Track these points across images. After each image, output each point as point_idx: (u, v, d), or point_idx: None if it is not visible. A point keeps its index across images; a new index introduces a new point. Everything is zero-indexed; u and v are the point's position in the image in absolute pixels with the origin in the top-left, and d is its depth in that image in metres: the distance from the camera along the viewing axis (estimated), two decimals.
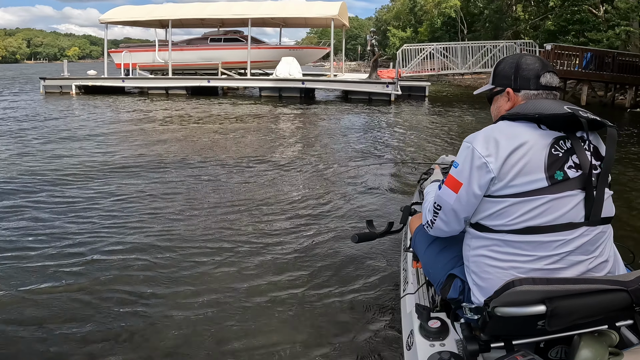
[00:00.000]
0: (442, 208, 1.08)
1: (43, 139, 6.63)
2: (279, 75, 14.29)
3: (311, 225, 3.16)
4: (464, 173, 1.01)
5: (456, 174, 1.03)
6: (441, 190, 1.07)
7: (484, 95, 1.24)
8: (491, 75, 1.18)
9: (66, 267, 2.44)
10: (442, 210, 1.08)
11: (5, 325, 1.91)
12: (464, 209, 1.03)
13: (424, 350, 1.13)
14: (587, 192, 0.96)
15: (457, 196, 1.02)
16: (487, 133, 1.01)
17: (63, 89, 14.65)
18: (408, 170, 4.79)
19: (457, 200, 1.03)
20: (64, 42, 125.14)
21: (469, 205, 1.02)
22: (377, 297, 2.15)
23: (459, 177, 1.02)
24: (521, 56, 1.12)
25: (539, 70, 1.08)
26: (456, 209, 1.04)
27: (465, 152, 1.01)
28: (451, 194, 1.04)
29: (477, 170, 0.98)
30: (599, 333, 0.95)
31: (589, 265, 0.98)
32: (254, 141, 6.71)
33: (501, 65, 1.15)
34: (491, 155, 0.97)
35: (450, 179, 1.04)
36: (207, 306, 2.08)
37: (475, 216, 1.04)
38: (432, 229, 1.14)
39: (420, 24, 33.46)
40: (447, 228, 1.10)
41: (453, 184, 1.03)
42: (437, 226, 1.12)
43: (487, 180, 0.98)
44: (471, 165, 0.99)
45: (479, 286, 1.03)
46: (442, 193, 1.07)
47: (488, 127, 1.04)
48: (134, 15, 16.02)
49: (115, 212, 3.38)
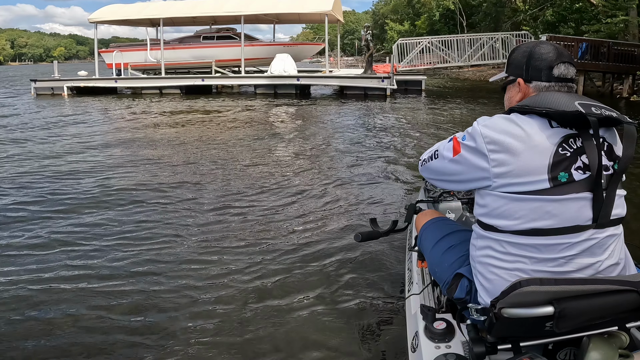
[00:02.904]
0: (438, 158, 1.09)
1: (46, 142, 6.57)
2: (274, 72, 14.20)
3: (312, 225, 3.13)
4: (466, 146, 1.00)
5: (461, 143, 1.02)
6: (446, 144, 1.08)
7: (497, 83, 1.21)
8: (506, 63, 1.15)
9: (69, 267, 2.41)
10: (438, 160, 1.09)
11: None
12: (452, 173, 1.04)
13: (429, 352, 1.12)
14: (595, 194, 0.93)
15: (453, 159, 1.03)
16: (496, 122, 0.98)
17: (54, 90, 14.49)
18: (409, 169, 4.77)
19: (451, 161, 1.04)
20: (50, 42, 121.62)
21: (458, 174, 1.03)
22: (381, 298, 2.12)
23: (461, 146, 1.02)
24: (536, 44, 1.06)
25: (553, 61, 1.02)
26: (447, 167, 1.06)
27: (473, 131, 1.00)
28: (449, 153, 1.05)
29: (475, 153, 0.97)
30: (609, 334, 0.93)
31: (598, 268, 0.96)
32: (251, 140, 6.67)
33: (515, 53, 1.10)
34: (492, 144, 0.94)
35: (455, 142, 1.04)
36: (211, 305, 2.06)
37: (477, 209, 1.03)
38: (422, 167, 1.17)
39: (419, 17, 33.27)
40: (429, 173, 1.14)
41: (455, 147, 1.03)
42: (427, 166, 1.13)
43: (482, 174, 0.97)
44: (473, 144, 0.98)
45: (485, 287, 1.01)
46: (445, 146, 1.07)
47: (499, 116, 1.00)
48: (124, 14, 15.82)
49: (116, 211, 3.35)
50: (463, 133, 1.03)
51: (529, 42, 1.11)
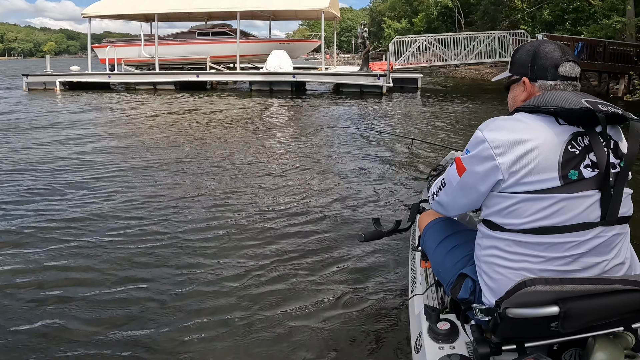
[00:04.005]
0: (446, 186, 1.08)
1: (37, 136, 6.47)
2: (269, 68, 14.13)
3: (313, 224, 3.09)
4: (470, 159, 0.99)
5: (464, 159, 1.01)
6: (450, 169, 1.07)
7: (500, 83, 1.20)
8: (509, 63, 1.14)
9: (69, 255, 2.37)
10: (446, 188, 1.08)
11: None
12: (465, 195, 1.03)
13: (432, 353, 1.11)
14: (603, 192, 0.93)
15: (461, 179, 1.02)
16: (501, 124, 0.97)
17: (47, 85, 14.31)
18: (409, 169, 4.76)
19: (459, 184, 1.03)
20: (40, 37, 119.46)
21: (470, 193, 1.01)
22: (384, 298, 2.11)
23: (465, 162, 1.01)
24: (540, 43, 1.06)
25: (558, 60, 1.02)
26: (457, 192, 1.04)
27: (476, 140, 0.98)
28: (456, 176, 1.03)
29: (483, 160, 0.96)
30: (615, 335, 0.92)
31: (605, 268, 0.96)
32: (246, 136, 6.63)
33: (519, 52, 1.10)
34: (501, 147, 0.93)
35: (458, 162, 1.03)
36: (214, 306, 2.05)
37: (485, 210, 1.02)
38: (433, 201, 1.16)
39: (416, 15, 33.20)
40: (445, 208, 1.12)
41: (460, 167, 1.02)
42: (438, 200, 1.13)
43: (493, 178, 0.95)
44: (479, 153, 0.96)
45: (489, 287, 1.01)
46: (450, 172, 1.07)
47: (503, 118, 0.99)
48: (118, 9, 15.64)
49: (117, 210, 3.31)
50: (464, 150, 1.03)
51: (532, 42, 1.10)
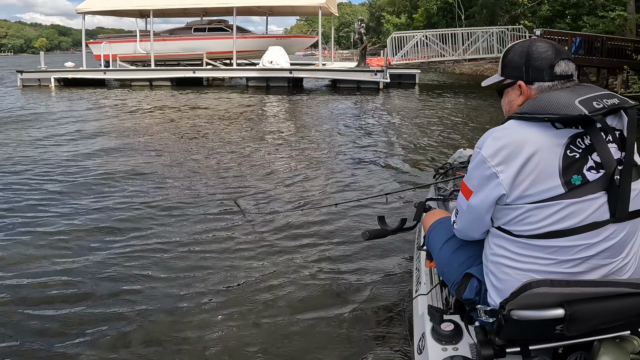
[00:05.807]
0: (459, 213, 1.08)
1: (39, 134, 6.40)
2: (266, 64, 14.05)
3: (315, 221, 3.06)
4: (474, 181, 0.99)
5: (467, 182, 1.02)
6: (459, 196, 1.07)
7: (493, 87, 1.17)
8: (499, 65, 1.09)
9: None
10: (460, 215, 1.08)
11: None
12: (477, 217, 1.02)
13: (436, 354, 1.10)
14: (610, 191, 0.91)
15: (469, 203, 1.02)
16: (497, 139, 0.95)
17: (41, 82, 14.15)
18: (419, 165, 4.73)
19: (469, 208, 1.02)
20: (30, 33, 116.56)
21: (481, 214, 1.00)
22: (388, 298, 2.09)
23: (469, 185, 1.01)
24: (532, 43, 1.02)
25: (553, 59, 0.98)
26: (469, 216, 1.03)
27: (476, 159, 0.98)
28: (464, 201, 1.03)
29: (487, 180, 0.95)
30: (621, 339, 0.92)
31: (613, 268, 0.94)
32: (243, 133, 6.60)
33: (510, 54, 1.05)
34: (501, 164, 0.92)
35: (463, 186, 1.04)
36: (216, 308, 2.03)
37: (494, 222, 1.01)
38: (454, 229, 1.15)
39: (416, 10, 32.99)
40: (465, 233, 1.10)
41: (466, 191, 1.02)
42: (457, 228, 1.13)
43: (497, 194, 0.95)
44: (481, 174, 0.96)
45: (496, 287, 1.00)
46: (460, 198, 1.07)
47: (496, 130, 0.97)
48: (113, 4, 15.47)
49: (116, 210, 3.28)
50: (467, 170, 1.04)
51: (522, 42, 1.06)
